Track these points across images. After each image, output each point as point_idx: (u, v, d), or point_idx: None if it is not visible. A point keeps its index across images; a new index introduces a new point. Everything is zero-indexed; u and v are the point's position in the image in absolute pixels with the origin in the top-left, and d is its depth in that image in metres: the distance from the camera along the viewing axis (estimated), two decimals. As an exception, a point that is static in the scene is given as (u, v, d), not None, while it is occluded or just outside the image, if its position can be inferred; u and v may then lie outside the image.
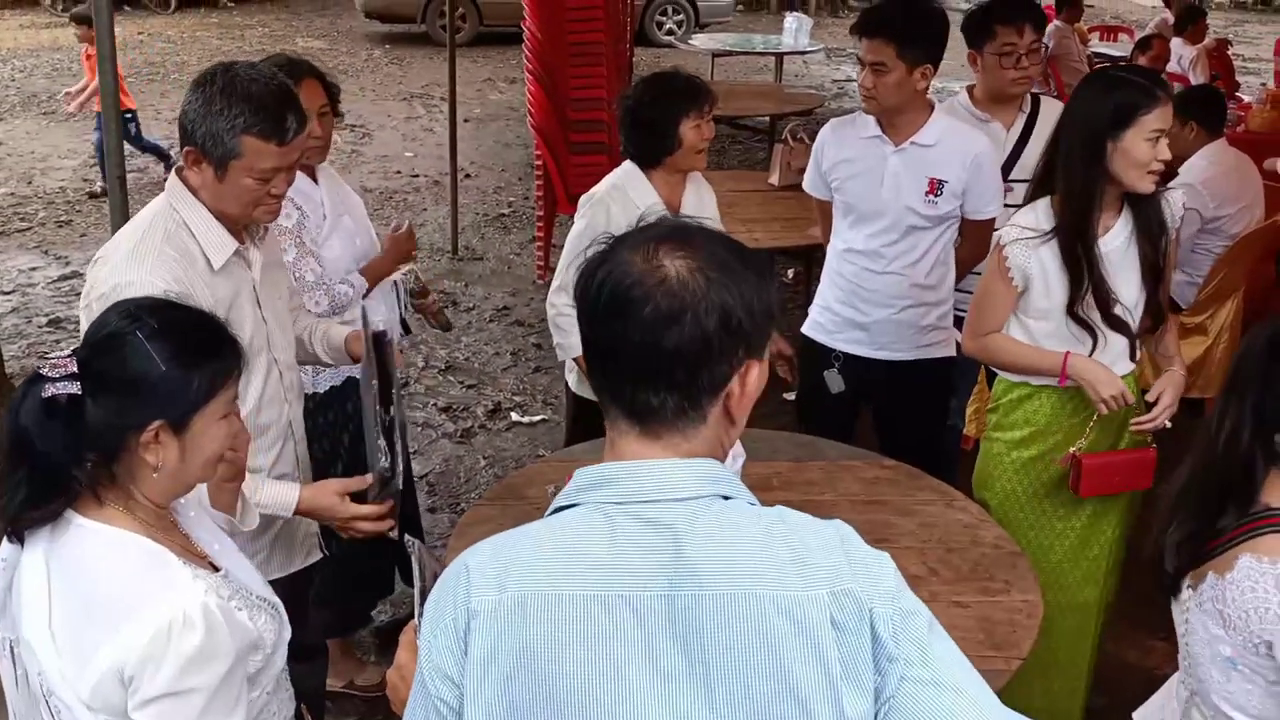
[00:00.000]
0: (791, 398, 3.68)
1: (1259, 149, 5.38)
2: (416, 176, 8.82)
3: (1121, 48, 10.74)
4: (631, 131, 3.08)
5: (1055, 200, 2.58)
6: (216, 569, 1.65)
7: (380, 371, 2.24)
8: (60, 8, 15.64)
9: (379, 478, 2.20)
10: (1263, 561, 1.68)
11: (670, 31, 14.81)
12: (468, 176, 8.55)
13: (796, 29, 10.20)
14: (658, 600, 1.13)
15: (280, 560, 2.37)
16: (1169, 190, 2.66)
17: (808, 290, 4.93)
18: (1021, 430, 2.75)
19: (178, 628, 1.47)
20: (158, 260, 2.07)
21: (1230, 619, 1.71)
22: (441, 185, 8.18)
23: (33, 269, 6.75)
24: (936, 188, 3.01)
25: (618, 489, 1.17)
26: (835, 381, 3.24)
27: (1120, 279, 2.57)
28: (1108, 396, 2.56)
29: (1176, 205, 2.65)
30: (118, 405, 1.51)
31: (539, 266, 6.50)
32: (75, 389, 1.49)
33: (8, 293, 6.38)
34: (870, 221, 3.10)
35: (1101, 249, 2.54)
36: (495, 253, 7.17)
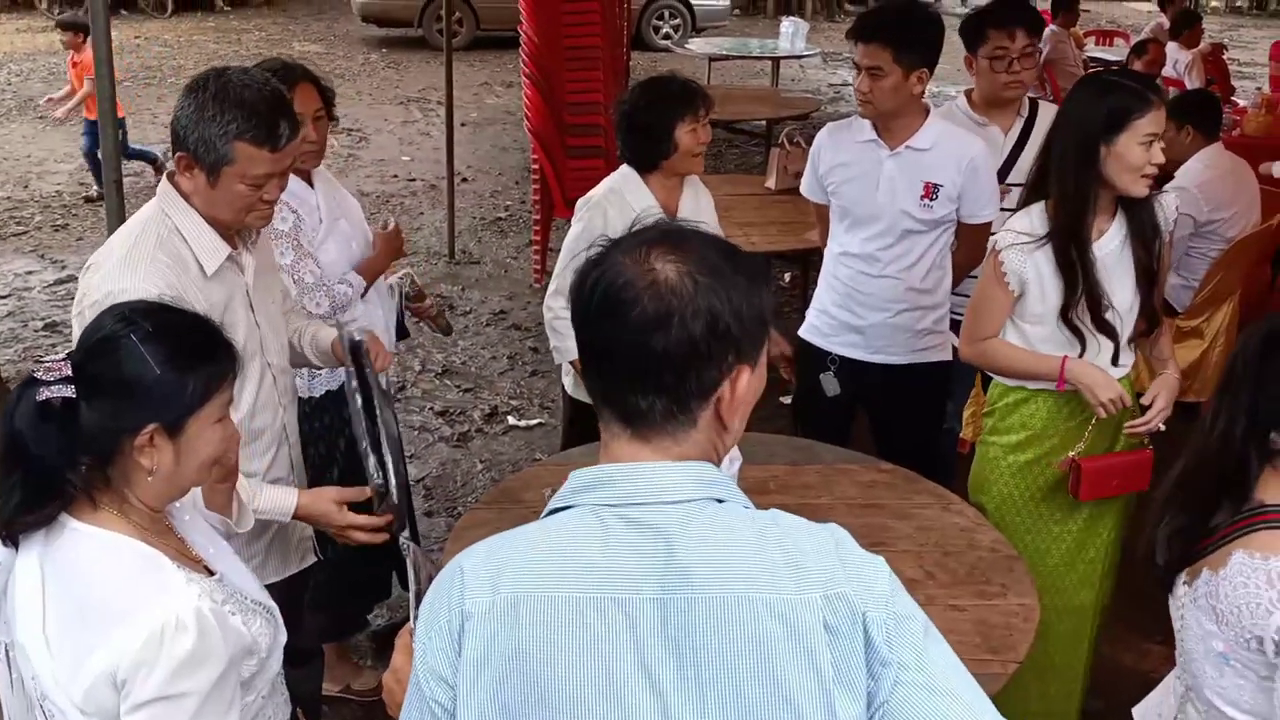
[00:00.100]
0: (788, 401, 3.68)
1: (1255, 153, 5.40)
2: (413, 180, 8.81)
3: (1117, 52, 10.77)
4: (628, 136, 3.07)
5: (1049, 204, 2.58)
6: (211, 573, 1.64)
7: (362, 384, 2.23)
8: (57, 11, 15.62)
9: (375, 492, 2.19)
10: (1255, 557, 1.69)
11: (667, 36, 14.81)
12: (464, 180, 8.54)
13: (793, 33, 10.22)
14: (650, 603, 1.12)
15: (276, 564, 2.37)
16: (1162, 193, 2.66)
17: (804, 294, 4.93)
18: (1018, 434, 2.75)
19: (170, 632, 1.46)
20: (150, 267, 2.07)
21: (1223, 614, 1.72)
22: (438, 189, 8.17)
23: (29, 273, 6.74)
24: (932, 192, 3.01)
25: (611, 491, 1.17)
26: (831, 385, 3.24)
27: (1115, 283, 2.58)
28: (1106, 400, 2.57)
29: (1170, 208, 2.66)
30: (112, 408, 1.51)
31: (536, 270, 6.49)
32: (70, 392, 1.49)
33: (3, 297, 6.38)
34: (866, 225, 3.10)
35: (1096, 253, 2.55)
36: (492, 257, 7.16)
